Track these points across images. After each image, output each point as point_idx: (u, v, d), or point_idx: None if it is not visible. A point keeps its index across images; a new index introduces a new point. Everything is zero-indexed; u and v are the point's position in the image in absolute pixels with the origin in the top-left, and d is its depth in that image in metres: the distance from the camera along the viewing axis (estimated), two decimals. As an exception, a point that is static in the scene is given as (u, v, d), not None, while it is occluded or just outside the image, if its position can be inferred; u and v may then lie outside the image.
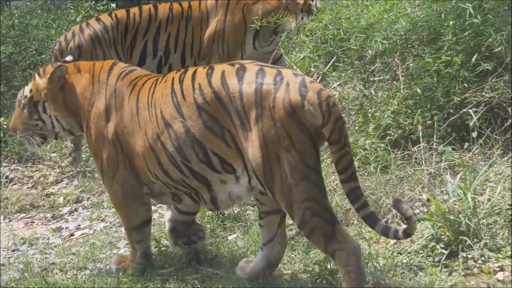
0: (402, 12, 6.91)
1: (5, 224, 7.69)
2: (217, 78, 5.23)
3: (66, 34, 9.10)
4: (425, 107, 6.90)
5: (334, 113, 4.99)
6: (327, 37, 7.70)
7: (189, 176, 5.47)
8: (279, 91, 4.98)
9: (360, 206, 5.07)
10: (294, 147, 4.96)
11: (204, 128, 5.26)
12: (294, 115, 4.94)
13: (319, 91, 5.01)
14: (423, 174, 6.49)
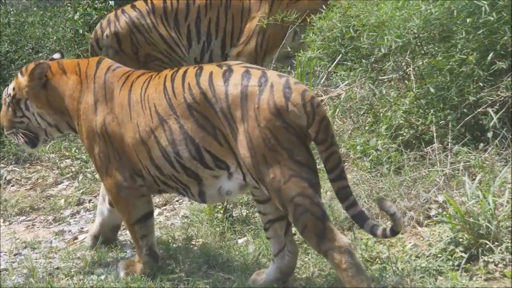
0: (416, 9, 6.71)
1: (6, 227, 7.51)
2: (205, 79, 5.33)
3: (101, 22, 9.07)
4: (437, 107, 6.74)
5: (319, 113, 5.08)
6: (335, 35, 7.51)
7: (181, 171, 5.53)
8: (264, 92, 5.08)
9: (349, 205, 5.13)
10: (281, 146, 5.03)
11: (196, 126, 5.35)
12: (279, 116, 5.03)
13: (303, 92, 5.09)
14: (438, 175, 6.32)
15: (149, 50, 8.73)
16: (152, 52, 8.82)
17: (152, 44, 8.79)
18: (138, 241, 5.98)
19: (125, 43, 8.71)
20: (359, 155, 6.92)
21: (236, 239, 6.44)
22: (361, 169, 6.75)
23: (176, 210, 7.25)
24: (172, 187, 5.75)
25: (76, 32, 10.47)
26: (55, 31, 10.45)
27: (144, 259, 5.97)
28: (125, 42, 8.75)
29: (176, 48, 8.91)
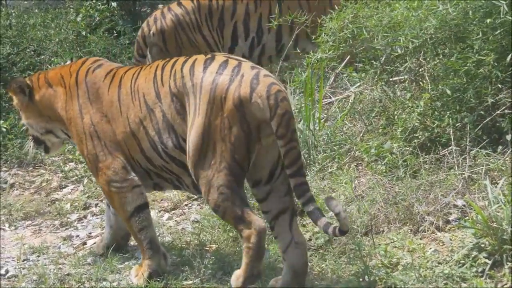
0: (433, 9, 6.59)
1: (12, 232, 7.35)
2: (187, 66, 5.49)
3: (148, 20, 9.09)
4: (454, 109, 6.63)
5: (282, 107, 5.18)
6: (345, 36, 7.39)
7: (169, 161, 5.66)
8: (233, 83, 5.23)
9: (305, 201, 5.21)
10: (229, 140, 5.23)
11: (175, 113, 5.51)
12: (241, 108, 5.20)
13: (269, 85, 5.22)
14: (457, 179, 6.20)
15: (191, 52, 8.64)
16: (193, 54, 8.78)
17: (195, 45, 8.72)
18: (137, 236, 5.99)
19: (170, 42, 8.71)
20: (374, 158, 6.78)
21: (250, 244, 6.28)
22: (376, 173, 6.62)
23: (186, 215, 7.11)
24: (166, 179, 5.86)
25: (79, 34, 10.33)
26: (57, 33, 10.30)
27: (148, 254, 5.94)
28: (170, 40, 8.76)
29: (216, 51, 8.84)
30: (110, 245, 6.48)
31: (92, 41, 10.23)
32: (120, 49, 10.52)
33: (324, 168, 7.09)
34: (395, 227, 6.05)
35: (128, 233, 6.46)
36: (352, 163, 7.05)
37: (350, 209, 6.25)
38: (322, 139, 7.44)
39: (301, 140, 7.32)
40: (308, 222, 6.46)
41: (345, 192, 6.55)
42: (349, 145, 7.28)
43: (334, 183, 6.79)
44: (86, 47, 10.15)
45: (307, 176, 6.90)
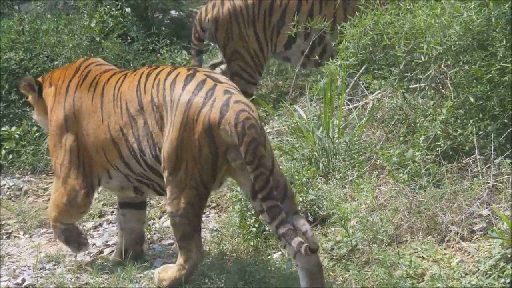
0: (456, 16, 6.50)
1: (26, 240, 7.26)
2: (170, 80, 5.68)
3: (208, 4, 9.12)
4: (477, 117, 6.53)
5: (249, 135, 5.31)
6: (365, 43, 7.29)
7: (147, 169, 5.88)
8: (205, 106, 5.43)
9: (278, 223, 5.25)
10: (199, 159, 5.46)
11: (155, 122, 5.67)
12: (210, 132, 5.40)
13: (238, 112, 5.36)
14: (481, 188, 6.10)
15: (238, 46, 8.58)
16: (240, 49, 8.70)
17: (244, 40, 8.64)
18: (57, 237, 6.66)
19: (220, 31, 8.66)
20: (395, 166, 6.68)
21: (271, 254, 6.20)
22: (398, 181, 6.52)
23: (204, 223, 7.00)
24: (147, 185, 6.09)
25: (92, 40, 10.22)
26: (70, 38, 10.20)
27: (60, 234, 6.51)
28: (221, 30, 8.75)
29: (264, 50, 8.87)
30: (124, 249, 6.45)
31: (106, 47, 10.12)
32: (134, 55, 10.41)
33: (344, 177, 7.00)
34: (419, 237, 5.97)
35: (142, 236, 6.54)
36: (373, 171, 6.95)
37: (372, 218, 6.16)
38: (341, 147, 7.35)
39: (320, 148, 7.24)
40: (329, 231, 6.41)
41: (367, 201, 6.45)
42: (369, 153, 7.19)
43: (354, 192, 6.71)
44: (100, 53, 10.03)
45: (328, 183, 6.85)
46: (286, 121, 8.25)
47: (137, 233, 6.50)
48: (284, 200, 5.49)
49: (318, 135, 7.32)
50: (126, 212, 6.50)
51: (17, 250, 7.06)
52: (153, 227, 7.04)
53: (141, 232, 6.55)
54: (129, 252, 6.40)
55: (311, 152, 7.32)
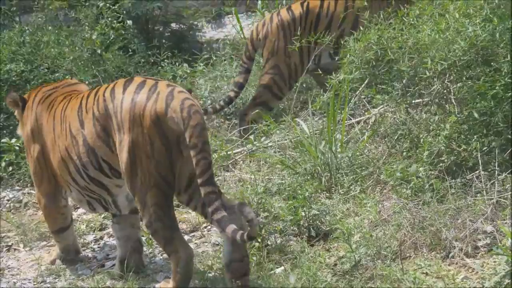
0: (462, 31, 6.48)
1: (26, 253, 7.22)
2: (108, 90, 5.89)
3: (258, 24, 9.28)
4: (481, 133, 6.50)
5: (194, 119, 5.54)
6: (369, 57, 7.27)
7: (90, 183, 6.12)
8: (150, 101, 5.62)
9: (214, 209, 5.46)
10: (153, 155, 5.60)
11: (96, 136, 5.89)
12: (158, 123, 5.57)
13: (183, 100, 5.62)
14: (485, 204, 6.07)
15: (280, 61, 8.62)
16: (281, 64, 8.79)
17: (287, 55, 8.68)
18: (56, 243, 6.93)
19: (267, 46, 8.73)
20: (399, 182, 6.65)
21: (273, 268, 6.16)
22: (401, 197, 6.49)
23: (206, 237, 6.98)
24: (95, 199, 6.34)
25: (93, 52, 10.20)
26: (71, 50, 10.19)
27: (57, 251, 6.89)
28: (268, 45, 8.83)
29: (305, 63, 8.93)
30: (123, 258, 6.47)
31: (107, 59, 10.10)
32: (135, 68, 10.40)
33: (347, 191, 6.97)
34: (423, 253, 5.93)
35: (139, 242, 6.56)
36: (376, 186, 6.93)
37: (376, 233, 6.12)
38: (344, 161, 7.32)
39: (323, 162, 7.22)
40: (332, 246, 6.38)
41: (370, 216, 6.41)
42: (372, 168, 7.17)
43: (357, 207, 6.67)
44: (101, 65, 10.01)
45: (331, 198, 6.82)
46: (288, 135, 8.21)
47: (134, 240, 6.51)
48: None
49: (321, 150, 7.29)
50: (118, 219, 6.55)
51: (17, 263, 7.03)
52: (154, 240, 6.97)
53: (137, 238, 6.54)
54: (129, 263, 6.38)
55: (313, 167, 7.29)
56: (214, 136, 8.91)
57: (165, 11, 12.56)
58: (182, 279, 5.68)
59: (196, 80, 10.49)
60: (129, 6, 11.44)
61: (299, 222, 6.60)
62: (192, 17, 13.18)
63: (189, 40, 12.60)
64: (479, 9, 6.62)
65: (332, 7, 8.91)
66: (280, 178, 7.34)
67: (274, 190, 7.05)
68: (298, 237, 6.62)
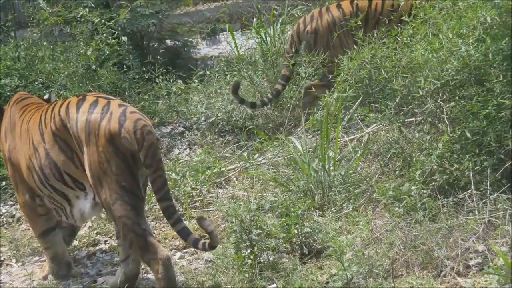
0: (455, 51, 6.52)
1: (19, 268, 7.21)
2: (63, 108, 6.10)
3: (305, 17, 9.44)
4: (473, 152, 6.53)
5: (148, 140, 5.82)
6: (362, 76, 7.31)
7: (52, 192, 6.31)
8: (103, 120, 5.83)
9: (174, 222, 5.89)
10: (111, 171, 5.80)
11: (59, 151, 6.11)
12: (113, 142, 5.78)
13: (136, 121, 5.86)
14: (477, 223, 6.09)
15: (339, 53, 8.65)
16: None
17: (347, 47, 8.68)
18: (44, 250, 6.90)
19: (321, 42, 8.73)
20: (391, 200, 6.67)
21: (266, 286, 6.17)
22: (393, 215, 6.51)
23: (198, 254, 6.97)
24: (59, 207, 6.51)
25: (88, 68, 10.21)
26: (66, 66, 10.19)
27: (49, 264, 6.82)
28: (321, 41, 8.89)
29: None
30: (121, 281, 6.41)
31: (101, 75, 10.11)
32: (129, 84, 10.42)
33: (339, 209, 6.99)
34: (415, 271, 5.94)
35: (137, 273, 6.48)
36: (369, 204, 6.95)
37: (368, 251, 6.13)
38: (337, 179, 7.34)
39: (316, 180, 7.24)
40: (324, 264, 6.39)
41: (362, 234, 6.43)
42: (364, 186, 7.19)
43: (350, 225, 6.69)
44: (96, 81, 10.03)
45: (324, 216, 6.84)
46: (281, 152, 8.24)
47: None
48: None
49: (314, 167, 7.32)
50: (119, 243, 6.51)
51: (10, 278, 7.02)
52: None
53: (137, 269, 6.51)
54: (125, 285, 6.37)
55: (306, 184, 7.32)
56: (208, 153, 8.93)
57: (160, 27, 12.61)
58: (166, 284, 5.79)
59: (190, 97, 10.50)
60: (124, 22, 11.48)
61: (291, 239, 6.62)
62: (187, 34, 13.24)
63: (183, 56, 12.63)
64: (472, 29, 6.64)
65: (380, 7, 9.04)
66: (273, 196, 7.37)
67: (267, 207, 7.08)
68: (290, 254, 6.63)
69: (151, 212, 7.90)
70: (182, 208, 7.84)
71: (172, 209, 5.90)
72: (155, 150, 5.85)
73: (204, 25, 13.77)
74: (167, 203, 5.90)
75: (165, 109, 10.42)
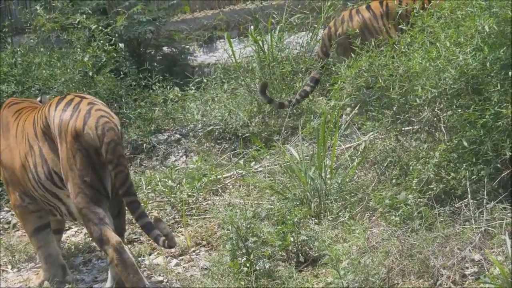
0: (453, 59, 6.52)
1: (14, 274, 7.21)
2: (47, 107, 6.40)
3: (335, 20, 9.47)
4: (470, 161, 6.52)
5: (108, 136, 6.07)
6: (359, 84, 7.31)
7: (45, 192, 6.46)
8: (72, 118, 6.13)
9: (138, 216, 6.12)
10: (76, 166, 6.08)
11: (48, 148, 6.34)
12: (78, 138, 6.07)
13: (98, 118, 6.14)
14: (473, 232, 6.08)
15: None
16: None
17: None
18: (37, 251, 6.89)
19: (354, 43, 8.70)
20: (388, 209, 6.66)
21: (261, 294, 6.16)
22: (390, 224, 6.50)
23: (194, 261, 6.97)
24: (54, 208, 6.62)
25: (85, 74, 10.20)
26: (63, 72, 10.18)
27: (43, 267, 6.82)
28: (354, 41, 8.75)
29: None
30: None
31: (98, 81, 10.11)
32: (126, 90, 10.41)
33: (336, 218, 6.99)
34: (411, 280, 5.92)
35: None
36: (365, 213, 6.94)
37: (364, 260, 6.12)
38: (333, 187, 7.34)
39: (312, 188, 7.24)
40: (320, 272, 6.39)
41: (358, 242, 6.42)
42: (361, 194, 7.19)
43: (346, 233, 6.68)
44: (92, 88, 10.02)
45: (320, 224, 6.84)
46: (278, 160, 8.23)
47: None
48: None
49: (311, 175, 7.31)
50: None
51: (5, 284, 7.01)
52: (142, 263, 6.97)
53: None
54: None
55: (303, 192, 7.31)
56: (204, 160, 8.92)
57: (157, 34, 12.61)
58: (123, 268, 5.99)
59: (187, 104, 10.49)
60: (121, 29, 11.50)
61: (287, 247, 6.61)
62: (184, 41, 13.23)
63: (180, 63, 12.62)
64: (470, 38, 6.62)
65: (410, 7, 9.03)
66: (269, 203, 7.36)
67: (263, 215, 7.07)
68: (286, 262, 6.62)
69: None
70: (178, 215, 7.83)
71: (135, 204, 6.13)
72: (115, 146, 6.07)
73: (201, 32, 13.76)
74: (130, 198, 6.13)
75: (162, 116, 10.41)
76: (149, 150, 9.84)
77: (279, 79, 10.01)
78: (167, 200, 8.20)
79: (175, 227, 7.70)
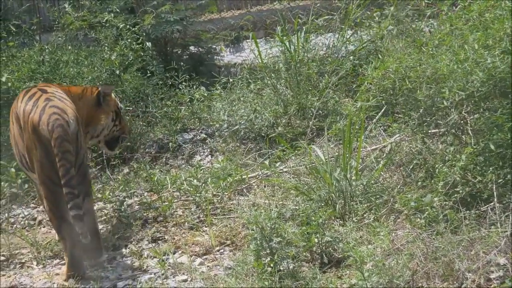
0: (481, 62, 6.48)
1: (40, 271, 7.23)
2: (20, 97, 7.14)
3: None
4: (496, 165, 6.48)
5: (56, 132, 6.62)
6: (386, 86, 7.28)
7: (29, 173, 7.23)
8: (31, 112, 6.77)
9: (72, 206, 6.50)
10: (36, 157, 6.73)
11: (19, 135, 7.02)
12: (36, 131, 6.68)
13: (50, 115, 6.71)
14: (499, 236, 6.04)
15: None
16: None
17: None
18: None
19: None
20: (413, 211, 6.64)
21: (286, 295, 6.15)
22: (415, 226, 6.48)
23: (218, 261, 6.97)
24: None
25: (112, 73, 10.25)
26: (90, 70, 10.22)
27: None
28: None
29: None
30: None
31: (125, 80, 10.15)
32: (152, 89, 10.45)
33: (360, 219, 6.97)
34: (436, 283, 5.89)
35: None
36: (390, 215, 6.92)
37: (388, 262, 6.09)
38: (358, 189, 7.32)
39: (337, 190, 7.22)
40: (344, 273, 6.36)
41: (383, 244, 6.39)
42: (386, 196, 7.16)
43: (371, 235, 6.66)
44: (119, 86, 10.05)
45: (345, 226, 6.82)
46: (303, 161, 8.22)
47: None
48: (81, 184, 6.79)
49: (336, 177, 7.30)
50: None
51: (30, 280, 7.03)
52: (167, 262, 6.98)
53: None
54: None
55: (328, 194, 7.30)
56: (230, 160, 8.93)
57: (184, 34, 12.65)
58: (70, 262, 6.81)
59: (213, 104, 10.50)
60: (149, 28, 11.57)
61: (312, 248, 6.60)
62: (210, 41, 13.26)
63: (207, 63, 12.65)
64: (498, 40, 6.59)
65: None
66: (294, 204, 7.36)
67: (288, 216, 7.07)
68: (310, 263, 6.61)
69: (172, 218, 7.91)
70: (203, 215, 7.84)
71: (70, 195, 6.51)
72: (61, 142, 6.60)
73: (228, 32, 13.80)
74: (67, 189, 6.52)
75: (188, 116, 10.44)
76: (175, 149, 9.86)
77: (305, 80, 9.98)
78: (192, 199, 8.22)
79: (200, 226, 7.70)
